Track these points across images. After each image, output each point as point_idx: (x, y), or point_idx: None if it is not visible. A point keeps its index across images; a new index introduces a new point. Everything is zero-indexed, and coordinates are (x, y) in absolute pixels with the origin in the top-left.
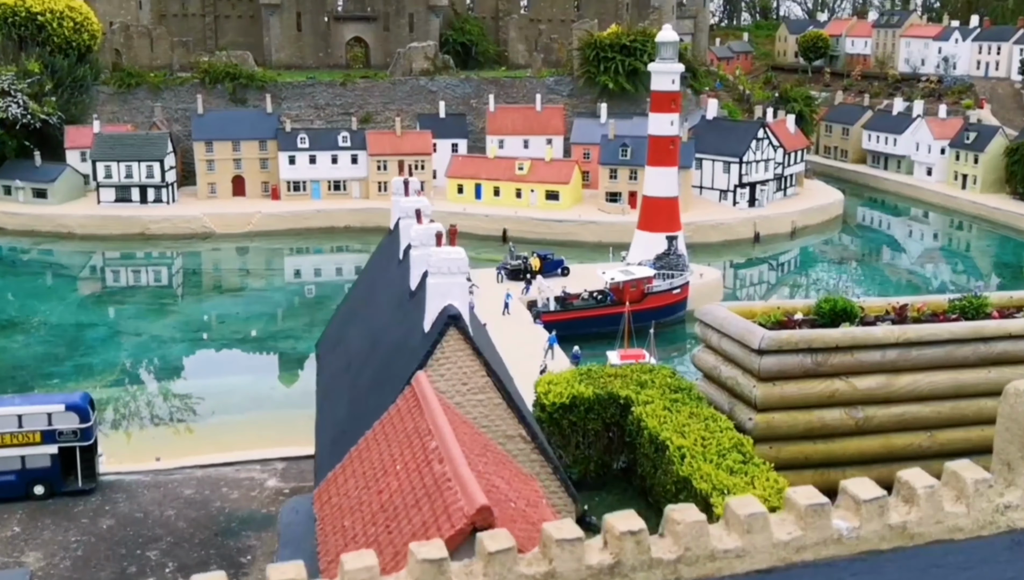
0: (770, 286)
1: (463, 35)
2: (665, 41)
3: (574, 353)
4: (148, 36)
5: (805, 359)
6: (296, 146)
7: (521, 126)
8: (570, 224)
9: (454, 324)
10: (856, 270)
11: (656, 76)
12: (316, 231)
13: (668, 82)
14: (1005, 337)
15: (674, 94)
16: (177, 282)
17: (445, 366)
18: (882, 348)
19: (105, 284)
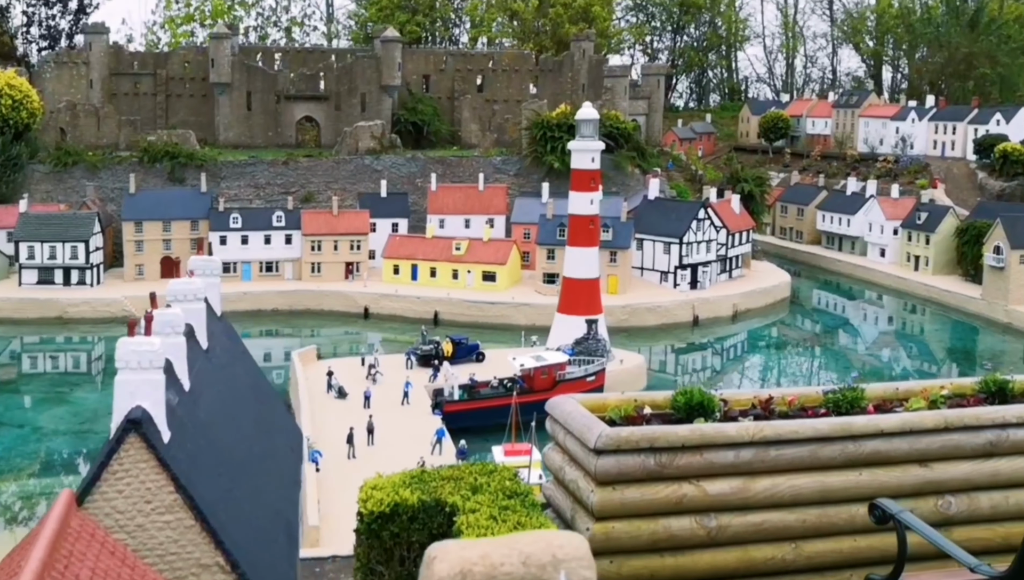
0: (714, 372)
1: (415, 114)
2: (584, 119)
3: (460, 448)
4: (95, 115)
5: (648, 460)
6: (228, 226)
7: (463, 205)
8: (503, 306)
9: (135, 430)
10: (803, 354)
11: (575, 154)
12: (242, 314)
13: (587, 160)
14: (876, 435)
15: (593, 172)
16: (97, 370)
17: (125, 481)
18: (736, 447)
19: (20, 371)
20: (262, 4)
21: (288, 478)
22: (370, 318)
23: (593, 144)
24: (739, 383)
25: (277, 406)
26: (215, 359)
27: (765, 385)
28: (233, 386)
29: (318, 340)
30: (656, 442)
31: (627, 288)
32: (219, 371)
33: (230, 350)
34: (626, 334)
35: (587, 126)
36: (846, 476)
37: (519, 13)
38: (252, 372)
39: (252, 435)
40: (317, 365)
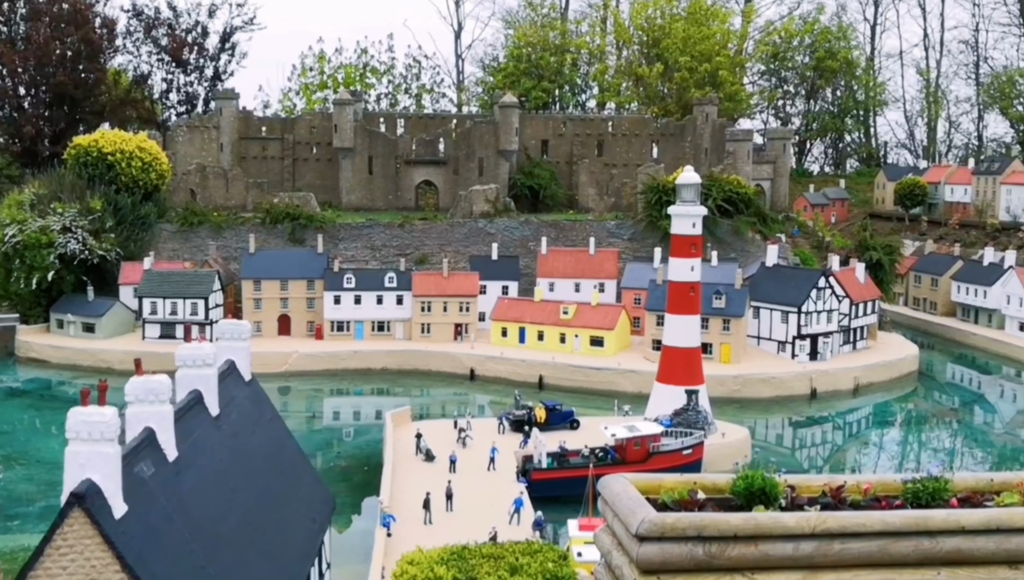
0: (835, 448)
1: (532, 178)
2: (685, 184)
3: (536, 519)
4: (223, 177)
5: (696, 549)
6: (342, 286)
7: (573, 269)
8: (609, 372)
9: (80, 504)
10: (933, 431)
11: (675, 219)
12: (353, 372)
13: (688, 225)
14: (957, 531)
15: (694, 238)
16: None
17: (69, 557)
18: (795, 539)
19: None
20: (393, 72)
21: (297, 550)
22: (476, 380)
23: (694, 209)
24: (856, 463)
25: (304, 475)
26: (227, 426)
27: (878, 467)
28: (244, 454)
29: (424, 400)
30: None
31: (741, 357)
32: (229, 439)
33: (252, 416)
34: (738, 405)
35: (688, 191)
36: (921, 576)
37: (644, 78)
38: (277, 439)
39: (255, 507)
40: (410, 426)
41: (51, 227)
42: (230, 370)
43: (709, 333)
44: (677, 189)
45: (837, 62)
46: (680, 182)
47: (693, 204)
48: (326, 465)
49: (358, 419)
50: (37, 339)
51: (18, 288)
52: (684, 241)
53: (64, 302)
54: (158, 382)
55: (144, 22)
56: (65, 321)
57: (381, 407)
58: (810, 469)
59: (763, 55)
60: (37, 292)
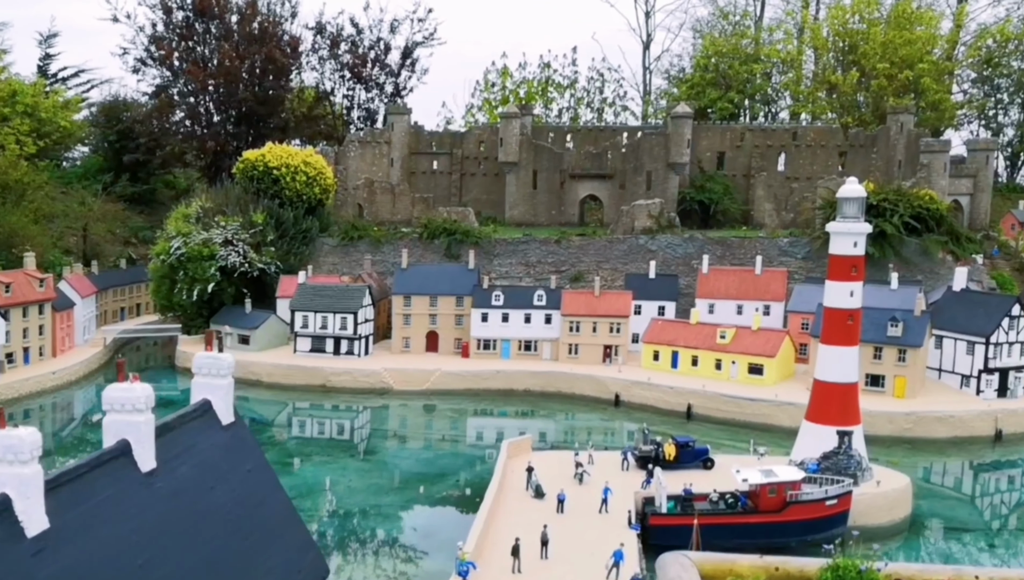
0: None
1: (703, 193)
2: (847, 197)
3: (635, 577)
4: (391, 192)
5: None
6: (490, 303)
7: (736, 290)
8: (764, 404)
9: None
10: None
11: (834, 237)
12: (495, 393)
13: (848, 245)
14: None
15: (854, 259)
16: (361, 437)
17: None
18: None
19: (290, 433)
20: (576, 86)
21: None
22: (621, 406)
23: (856, 226)
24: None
25: (286, 537)
26: (164, 483)
27: None
28: (185, 517)
29: (567, 424)
30: None
31: (917, 391)
32: (164, 499)
33: (219, 468)
34: (908, 446)
35: (850, 205)
36: None
37: (837, 86)
38: (253, 494)
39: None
40: (529, 457)
41: (213, 240)
42: (203, 412)
43: (882, 363)
44: (838, 203)
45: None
46: (841, 195)
47: (856, 220)
48: (440, 492)
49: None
50: (195, 350)
51: (180, 299)
52: (843, 262)
53: (223, 314)
54: (17, 438)
55: (328, 39)
56: (223, 333)
57: (525, 428)
58: (990, 523)
59: (974, 60)
60: (199, 303)
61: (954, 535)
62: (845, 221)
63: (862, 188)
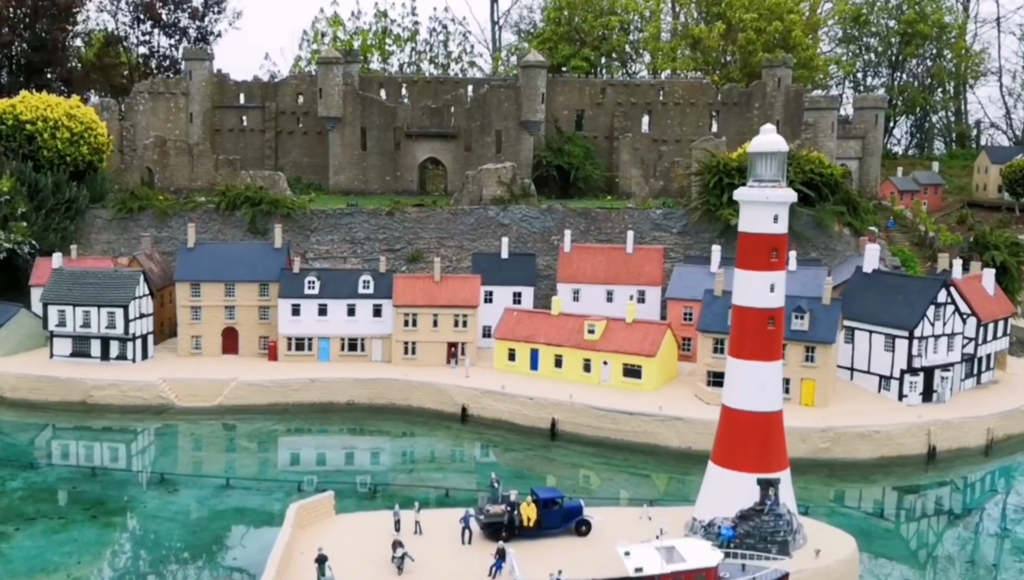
0: (979, 552)
1: (561, 157)
2: (763, 152)
3: None
4: (188, 153)
5: None
6: (303, 292)
7: (604, 272)
8: (646, 420)
9: None
10: None
11: (746, 210)
12: (310, 408)
13: (766, 219)
14: None
15: (775, 240)
16: (115, 482)
17: None
18: None
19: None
20: (417, 39)
21: None
22: (469, 422)
23: (777, 193)
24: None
25: None
26: None
27: None
28: None
29: (401, 449)
30: None
31: (829, 398)
32: None
33: None
34: (826, 471)
35: (767, 164)
36: None
37: (702, 41)
38: None
39: None
40: (329, 525)
41: None
42: None
43: (786, 365)
44: (749, 161)
45: (928, 26)
46: (755, 149)
47: (775, 185)
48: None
49: (322, 465)
50: None
51: None
52: (759, 244)
53: None
54: None
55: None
56: None
57: (352, 451)
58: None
59: (842, 17)
60: None
61: None
62: (761, 186)
63: (782, 140)
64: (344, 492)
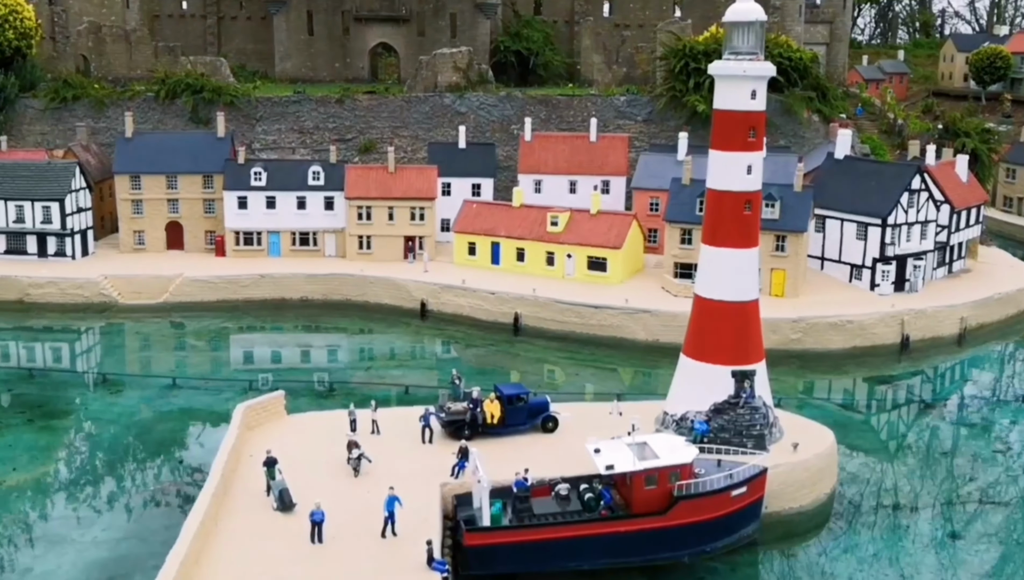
0: (955, 440)
1: (520, 42)
2: (739, 22)
3: None
4: (126, 40)
5: None
6: (249, 184)
7: (567, 162)
8: (612, 313)
9: None
10: None
11: (721, 85)
12: (261, 305)
13: (743, 95)
14: None
15: (752, 117)
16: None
17: None
18: None
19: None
20: None
21: None
22: (429, 318)
23: (755, 67)
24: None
25: None
26: None
27: None
28: None
29: (359, 345)
30: None
31: (799, 288)
32: None
33: None
34: (797, 363)
35: (744, 34)
36: None
37: None
38: None
39: None
40: (279, 427)
41: None
42: None
43: None
44: (725, 32)
45: None
46: (730, 19)
47: (753, 57)
48: (151, 481)
49: (277, 363)
50: None
51: None
52: (736, 122)
53: None
54: None
55: None
56: None
57: (307, 349)
58: (922, 482)
59: None
60: None
61: (898, 516)
62: (738, 59)
63: (759, 8)
64: (299, 391)
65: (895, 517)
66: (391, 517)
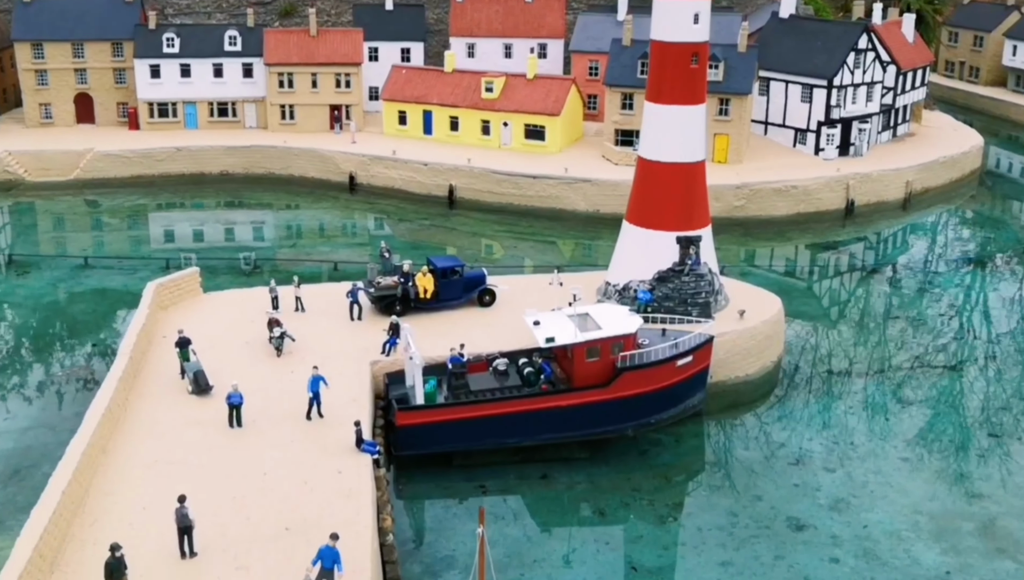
0: (899, 303)
1: None
2: None
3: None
4: None
5: None
6: (162, 51)
7: (501, 24)
8: (551, 183)
9: None
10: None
11: None
12: (180, 180)
13: None
14: None
15: None
16: None
17: None
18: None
19: None
20: None
21: None
22: (358, 191)
23: None
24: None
25: None
26: None
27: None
28: None
29: (286, 221)
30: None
31: (743, 154)
32: None
33: None
34: (741, 230)
35: None
36: None
37: None
38: None
39: None
40: (195, 305)
41: None
42: None
43: None
44: None
45: None
46: None
47: None
48: (56, 367)
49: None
50: None
51: None
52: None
53: None
54: None
55: None
56: None
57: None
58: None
59: None
60: None
61: (842, 382)
62: None
63: None
64: (221, 270)
65: (840, 383)
66: (316, 398)
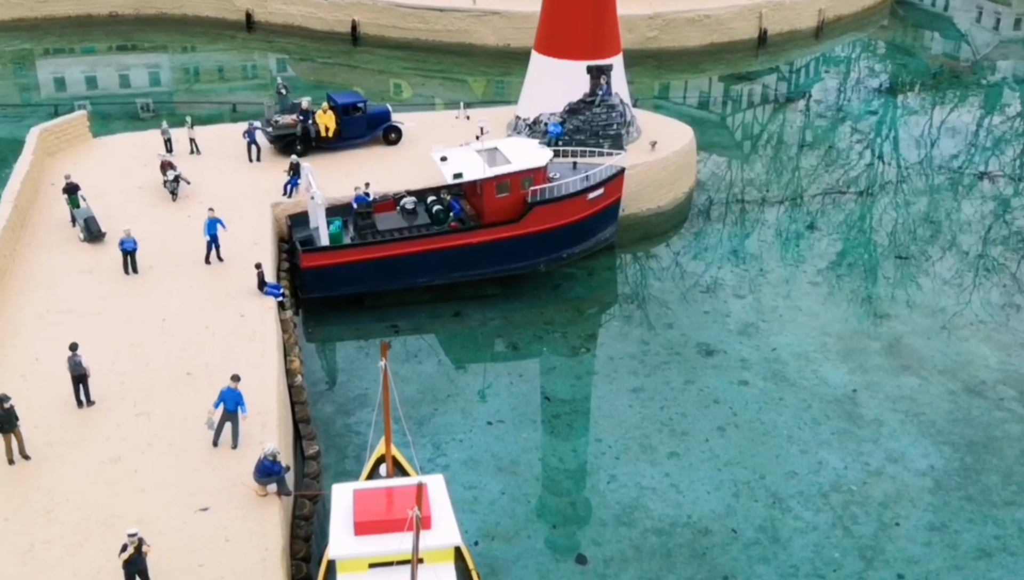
0: (813, 132)
1: None
2: None
3: (266, 462)
4: None
5: None
6: None
7: None
8: (458, 16)
9: None
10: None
11: None
12: (66, 22)
13: None
14: None
15: None
16: None
17: None
18: None
19: None
20: None
21: None
22: (255, 30)
23: None
24: (852, 158)
25: None
26: None
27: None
28: None
29: (183, 64)
30: None
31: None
32: None
33: None
34: (654, 63)
35: None
36: None
37: None
38: None
39: None
40: (84, 149)
41: None
42: None
43: None
44: None
45: None
46: None
47: None
48: None
49: (93, 88)
50: None
51: None
52: None
53: None
54: None
55: None
56: None
57: (128, 70)
58: (779, 177)
59: None
60: None
61: (755, 211)
62: None
63: None
64: (114, 115)
65: (751, 213)
66: (214, 241)
